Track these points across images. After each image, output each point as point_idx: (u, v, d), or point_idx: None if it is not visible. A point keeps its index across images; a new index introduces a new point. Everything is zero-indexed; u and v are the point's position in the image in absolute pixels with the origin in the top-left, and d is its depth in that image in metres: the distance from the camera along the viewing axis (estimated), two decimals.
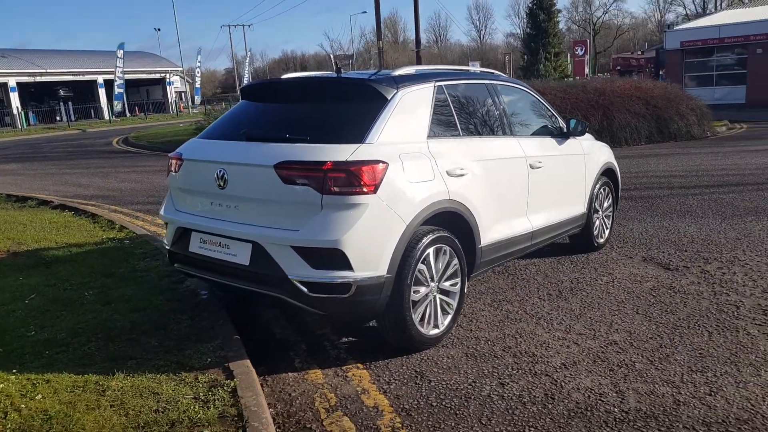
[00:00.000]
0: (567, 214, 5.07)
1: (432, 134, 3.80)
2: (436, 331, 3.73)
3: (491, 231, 4.10)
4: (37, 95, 45.85)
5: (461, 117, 4.12)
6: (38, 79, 42.70)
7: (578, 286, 4.77)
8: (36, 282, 5.05)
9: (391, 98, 3.63)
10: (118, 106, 40.70)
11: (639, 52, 53.09)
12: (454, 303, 3.85)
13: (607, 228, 5.86)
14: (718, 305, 4.25)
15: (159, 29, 69.42)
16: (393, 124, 3.56)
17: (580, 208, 5.30)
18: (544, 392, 3.17)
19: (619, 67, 44.79)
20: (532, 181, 4.51)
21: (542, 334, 3.89)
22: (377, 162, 3.32)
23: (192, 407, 2.97)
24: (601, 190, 5.64)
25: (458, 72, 4.44)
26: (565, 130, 5.12)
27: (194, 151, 3.95)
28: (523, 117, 4.87)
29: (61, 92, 45.64)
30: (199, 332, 3.92)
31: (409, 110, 3.71)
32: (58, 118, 42.81)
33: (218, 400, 3.04)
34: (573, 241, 5.63)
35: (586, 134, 5.44)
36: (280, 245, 3.33)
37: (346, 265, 3.24)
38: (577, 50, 37.77)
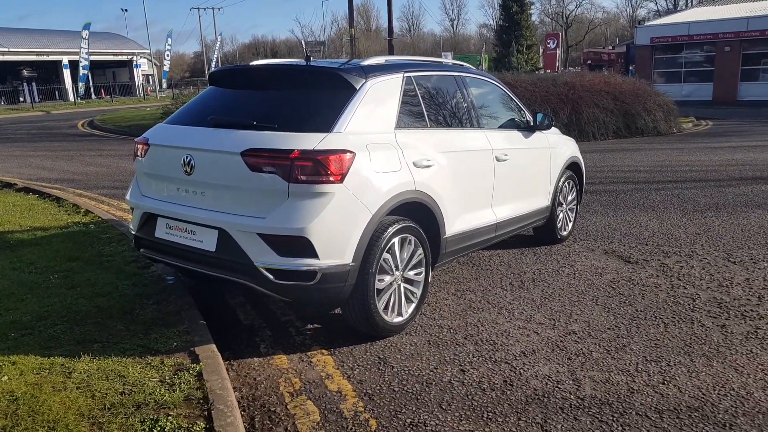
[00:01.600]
0: (531, 207, 5.18)
1: (400, 125, 3.85)
2: (399, 319, 3.80)
3: (456, 222, 4.18)
4: None
5: (429, 108, 4.17)
6: (0, 58, 41.35)
7: (540, 277, 4.90)
8: (0, 265, 4.96)
9: (359, 88, 3.67)
10: (82, 88, 39.71)
11: (610, 47, 53.86)
12: (418, 292, 3.92)
13: (570, 221, 6.01)
14: (675, 298, 4.42)
15: (126, 10, 68.02)
16: (361, 114, 3.60)
17: (545, 201, 5.43)
18: (503, 379, 3.27)
19: (590, 62, 45.40)
20: (498, 173, 4.60)
21: (503, 323, 4.00)
22: (344, 151, 3.36)
23: (158, 390, 2.99)
24: (566, 183, 5.77)
25: (428, 63, 4.49)
26: (531, 123, 5.22)
27: (161, 137, 3.93)
28: (491, 110, 4.95)
29: (25, 72, 44.36)
30: (165, 317, 3.92)
31: (377, 100, 3.75)
32: (21, 99, 41.61)
33: (184, 383, 3.07)
34: (537, 233, 5.77)
35: (553, 128, 5.55)
36: (246, 232, 3.35)
37: (312, 253, 3.28)
38: (548, 43, 38.18)
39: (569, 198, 5.93)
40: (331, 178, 3.30)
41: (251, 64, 4.24)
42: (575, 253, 5.57)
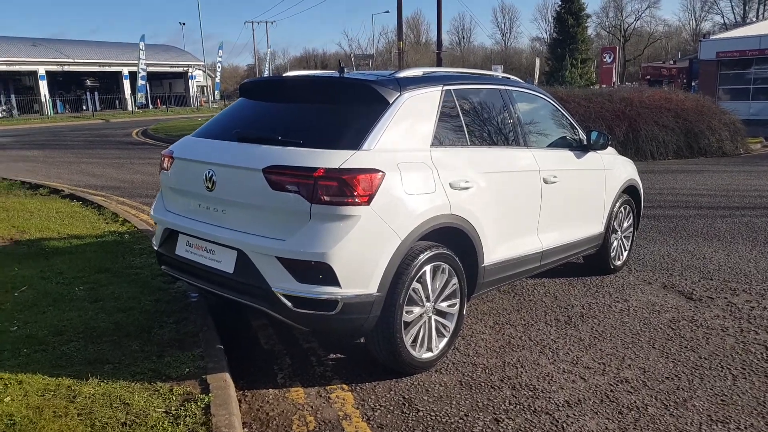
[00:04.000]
0: (582, 234, 4.76)
1: (436, 142, 3.54)
2: (429, 354, 3.47)
3: (496, 249, 3.83)
4: (64, 84, 46.57)
5: (470, 125, 3.85)
6: (66, 68, 43.31)
7: (590, 313, 4.46)
8: (30, 274, 4.91)
9: (393, 102, 3.38)
10: (141, 98, 41.07)
11: (671, 62, 51.95)
12: (451, 325, 3.58)
13: (625, 249, 5.53)
14: (745, 344, 3.91)
15: (184, 23, 70.35)
16: (393, 130, 3.31)
17: (597, 227, 4.99)
18: None
19: (648, 77, 43.84)
20: (545, 196, 4.22)
21: (546, 364, 3.60)
22: (373, 171, 3.07)
23: (161, 423, 2.77)
24: (622, 208, 5.31)
25: (470, 76, 4.16)
26: (585, 142, 4.81)
27: (185, 150, 3.75)
28: (540, 127, 4.57)
29: (88, 82, 46.33)
30: (183, 338, 3.72)
31: (412, 115, 3.46)
32: (84, 108, 43.39)
33: (189, 416, 2.83)
34: (588, 261, 5.32)
35: (609, 148, 5.12)
36: (264, 255, 3.11)
37: (333, 280, 3.00)
38: (605, 57, 36.99)
39: (625, 225, 5.46)
40: (357, 200, 3.01)
41: (282, 75, 4.03)
42: (630, 286, 5.09)
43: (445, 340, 3.57)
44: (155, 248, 3.92)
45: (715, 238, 6.75)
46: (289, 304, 3.05)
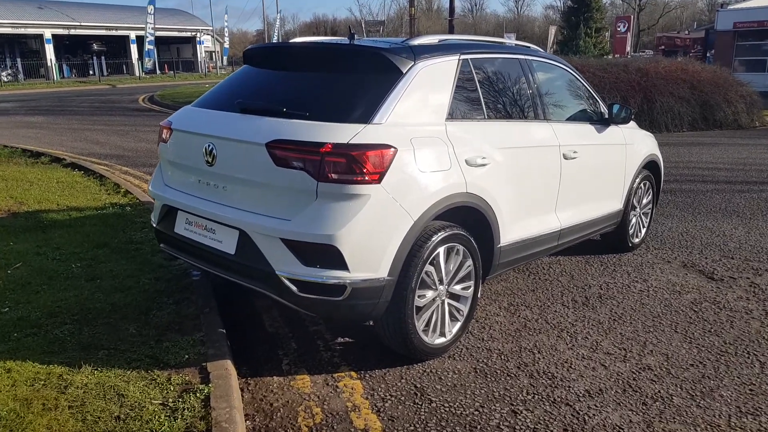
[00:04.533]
0: (601, 211, 4.54)
1: (452, 116, 3.30)
2: (442, 339, 3.29)
3: (513, 229, 3.62)
4: (71, 48, 45.90)
5: (488, 97, 3.60)
6: (73, 32, 42.62)
7: (608, 293, 4.27)
8: (26, 249, 4.75)
9: (407, 71, 3.14)
10: (148, 63, 40.47)
11: (686, 32, 50.74)
12: (465, 309, 3.40)
13: (644, 227, 5.31)
14: None
15: None
16: (407, 102, 3.07)
17: (616, 204, 4.76)
18: (563, 428, 2.72)
19: (663, 47, 42.88)
20: (565, 173, 3.99)
21: (564, 350, 3.43)
22: (384, 146, 2.85)
23: (157, 417, 2.61)
24: (641, 185, 5.08)
25: (488, 44, 3.89)
26: (606, 116, 4.55)
27: (184, 121, 3.53)
28: (560, 99, 4.31)
29: (95, 46, 45.63)
30: (182, 320, 3.55)
31: (427, 86, 3.21)
32: (91, 72, 42.87)
33: (188, 409, 2.67)
34: (605, 239, 5.10)
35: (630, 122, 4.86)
36: (268, 236, 2.91)
37: (341, 264, 2.80)
38: (619, 26, 36.05)
39: (644, 201, 5.23)
40: (367, 178, 2.80)
41: (289, 41, 3.78)
42: (648, 264, 4.89)
43: (459, 324, 3.39)
44: (153, 225, 3.73)
45: (734, 214, 6.51)
46: (294, 288, 2.87)
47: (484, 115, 3.51)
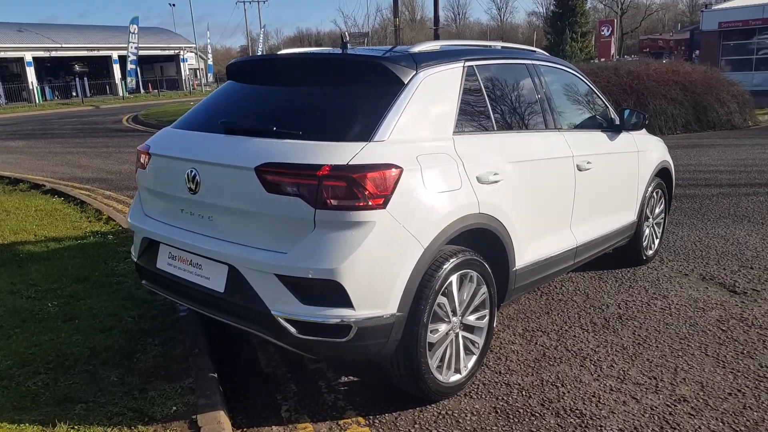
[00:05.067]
0: (615, 224, 4.26)
1: (460, 129, 3.01)
2: (457, 377, 2.98)
3: (528, 250, 3.33)
4: (53, 70, 45.39)
5: (496, 106, 3.31)
6: (54, 54, 42.18)
7: (628, 313, 3.98)
8: None
9: (408, 82, 2.84)
10: (131, 82, 40.04)
11: (670, 33, 51.11)
12: (481, 341, 3.09)
13: (657, 237, 5.04)
14: None
15: (174, 5, 68.97)
16: (410, 116, 2.78)
17: (630, 216, 4.49)
18: None
19: (647, 49, 43.09)
20: (579, 185, 3.71)
21: (590, 382, 3.12)
22: (388, 166, 2.55)
23: None
24: (654, 193, 4.81)
25: (493, 49, 3.61)
26: (617, 122, 4.28)
27: (163, 145, 3.21)
28: (571, 106, 4.04)
29: (77, 68, 45.17)
30: (169, 364, 3.22)
31: (431, 98, 2.92)
32: (74, 94, 42.33)
33: None
34: (617, 252, 4.82)
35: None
36: (261, 272, 2.59)
37: (345, 301, 2.49)
38: (603, 30, 36.17)
39: (656, 210, 4.96)
40: (371, 202, 2.49)
41: (276, 53, 3.48)
42: (665, 278, 4.61)
43: (474, 358, 3.08)
44: (134, 260, 3.40)
45: (744, 218, 6.27)
46: (292, 330, 2.54)
47: (493, 126, 3.22)
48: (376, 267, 2.51)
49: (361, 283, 2.49)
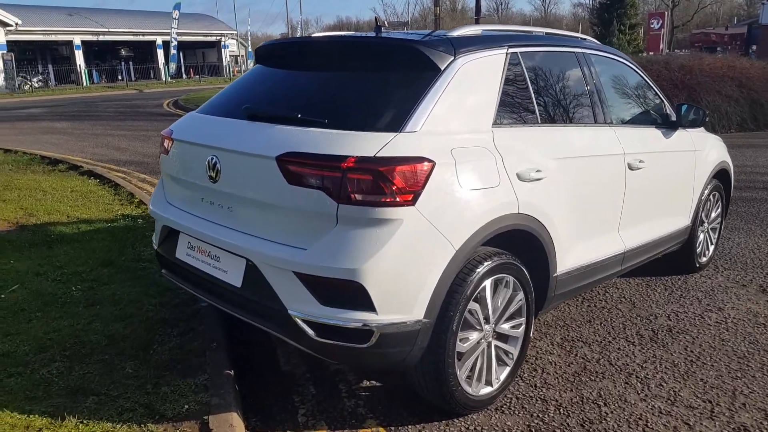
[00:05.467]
0: (667, 229, 3.93)
1: (500, 121, 2.76)
2: (488, 390, 2.75)
3: (571, 254, 3.06)
4: (100, 54, 46.44)
5: (541, 97, 3.04)
6: (101, 38, 43.04)
7: (679, 326, 3.66)
8: (26, 268, 4.35)
9: (445, 68, 2.61)
10: (173, 67, 40.63)
11: (724, 28, 49.01)
12: (515, 351, 2.85)
13: (711, 243, 4.68)
14: None
15: None
16: (446, 106, 2.54)
17: (684, 220, 4.15)
18: None
19: (699, 44, 41.38)
20: (630, 185, 3.41)
21: (636, 402, 2.85)
22: (419, 160, 2.33)
23: None
24: (711, 196, 4.45)
25: (540, 35, 3.33)
26: (673, 118, 3.95)
27: (186, 130, 3.06)
28: (623, 99, 3.73)
29: (123, 52, 46.08)
30: (186, 358, 3.08)
31: (470, 86, 2.68)
32: (119, 77, 43.22)
33: None
34: (667, 257, 4.48)
35: None
36: (278, 268, 2.41)
37: (367, 304, 2.29)
38: (652, 23, 34.84)
39: (713, 215, 4.60)
40: (398, 199, 2.28)
41: (307, 36, 3.29)
42: (721, 288, 4.26)
43: (508, 369, 2.84)
44: (155, 248, 3.27)
45: None
46: (310, 332, 2.36)
47: (537, 118, 2.95)
48: (401, 269, 2.30)
49: (385, 285, 2.28)
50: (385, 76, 2.69)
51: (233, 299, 2.68)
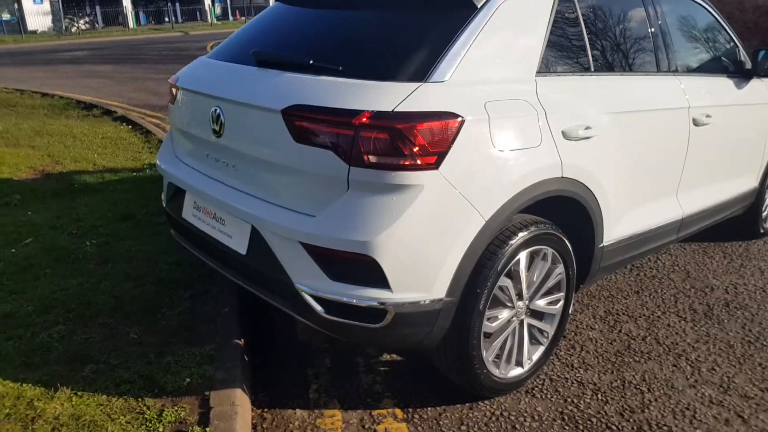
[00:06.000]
0: (733, 192, 3.50)
1: (545, 69, 2.36)
2: (518, 371, 2.48)
3: (621, 222, 2.70)
4: None
5: (596, 41, 2.62)
6: None
7: (737, 300, 3.28)
8: (43, 220, 4.23)
9: (483, 5, 2.22)
10: (218, 9, 40.12)
11: None
12: (551, 329, 2.55)
13: None
14: None
15: None
16: (481, 50, 2.17)
17: (752, 181, 3.69)
18: None
19: None
20: (693, 143, 2.98)
21: (684, 388, 2.53)
22: (446, 115, 1.99)
23: None
24: None
25: None
26: (748, 66, 3.43)
27: (191, 78, 2.78)
28: (690, 44, 3.24)
29: None
30: (195, 323, 2.91)
31: (511, 27, 2.28)
32: (166, 19, 43.06)
33: None
34: (728, 221, 4.03)
35: None
36: (283, 237, 2.15)
37: (381, 281, 2.01)
38: None
39: None
40: (419, 161, 1.96)
41: None
42: None
43: (542, 349, 2.55)
44: (164, 206, 3.07)
45: None
46: (318, 308, 2.11)
47: (590, 66, 2.54)
48: (421, 242, 2.00)
49: (402, 260, 1.99)
50: (411, 14, 2.33)
51: (238, 267, 2.46)
